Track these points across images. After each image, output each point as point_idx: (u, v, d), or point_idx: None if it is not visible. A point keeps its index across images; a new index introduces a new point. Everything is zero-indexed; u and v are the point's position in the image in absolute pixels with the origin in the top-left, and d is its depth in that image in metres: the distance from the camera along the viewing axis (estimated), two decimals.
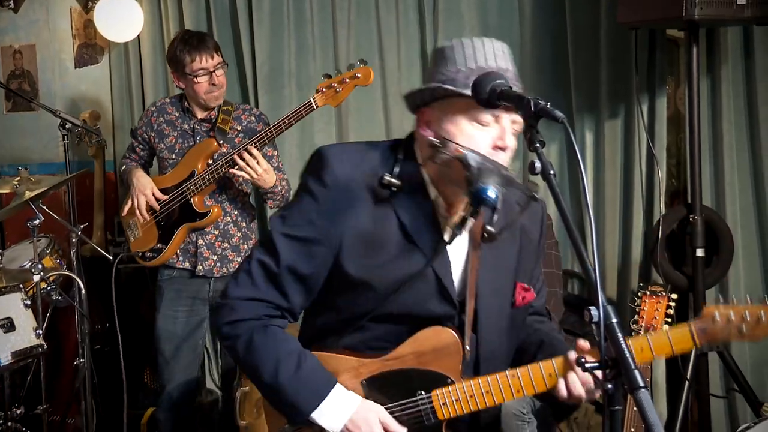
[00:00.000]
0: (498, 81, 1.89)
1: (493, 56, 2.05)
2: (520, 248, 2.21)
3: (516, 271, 2.20)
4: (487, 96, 1.90)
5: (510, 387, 2.05)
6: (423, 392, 2.08)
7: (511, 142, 2.02)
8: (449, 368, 2.10)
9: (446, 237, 2.06)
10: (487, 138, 2.00)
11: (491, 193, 1.90)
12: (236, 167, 3.82)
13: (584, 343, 1.99)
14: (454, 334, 2.09)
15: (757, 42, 3.93)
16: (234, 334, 2.10)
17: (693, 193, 3.77)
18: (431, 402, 2.07)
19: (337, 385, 2.06)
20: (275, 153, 4.14)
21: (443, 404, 2.07)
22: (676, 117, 4.41)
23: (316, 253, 2.06)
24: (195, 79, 3.99)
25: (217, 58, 4.01)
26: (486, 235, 2.04)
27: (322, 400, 2.04)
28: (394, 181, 2.05)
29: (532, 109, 1.77)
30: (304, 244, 2.06)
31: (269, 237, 2.11)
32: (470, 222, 2.02)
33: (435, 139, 2.00)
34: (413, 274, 2.05)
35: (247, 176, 3.82)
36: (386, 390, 2.09)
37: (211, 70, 3.98)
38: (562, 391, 2.02)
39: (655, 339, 2.01)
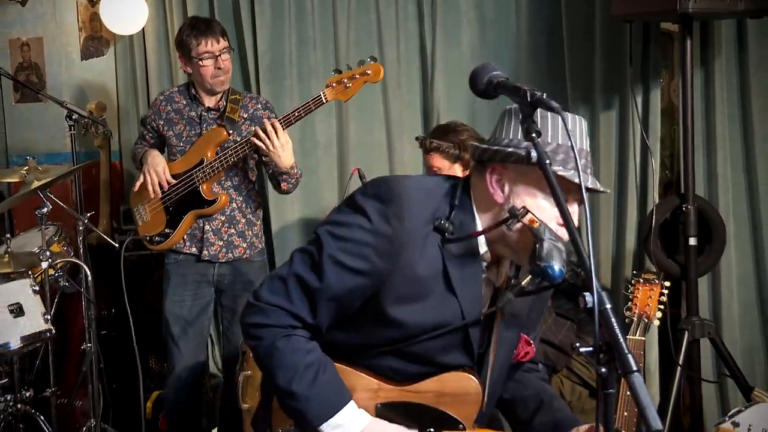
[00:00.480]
0: (494, 72, 1.89)
1: (581, 136, 2.03)
2: (533, 300, 2.20)
3: (525, 325, 2.20)
4: (485, 87, 1.90)
5: None
6: (432, 429, 2.08)
7: (574, 224, 1.94)
8: (465, 415, 2.12)
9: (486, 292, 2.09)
10: (554, 214, 1.95)
11: (557, 272, 1.86)
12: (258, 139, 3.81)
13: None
14: (478, 384, 2.10)
15: (750, 35, 3.91)
16: (258, 335, 2.07)
17: (686, 183, 3.75)
18: None
19: (351, 402, 2.05)
20: None
21: None
22: (669, 109, 4.39)
23: (359, 285, 2.02)
24: (200, 62, 3.99)
25: (223, 43, 4.00)
26: (510, 286, 2.09)
27: (334, 414, 2.02)
28: (448, 230, 2.00)
29: (529, 99, 1.77)
30: (352, 274, 2.00)
31: (316, 253, 2.03)
32: (526, 287, 2.03)
33: (517, 208, 1.94)
34: (447, 326, 2.04)
35: (263, 146, 3.79)
36: (398, 419, 2.09)
37: (217, 54, 3.98)
38: None
39: None
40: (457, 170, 3.67)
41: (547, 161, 1.75)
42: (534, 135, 1.75)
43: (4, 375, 4.42)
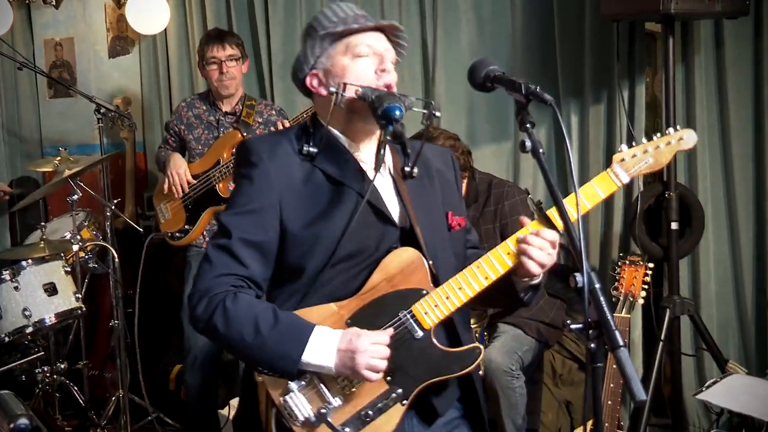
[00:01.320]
0: (491, 67, 1.90)
1: (349, 9, 2.14)
2: (441, 188, 2.21)
3: (444, 204, 2.19)
4: (482, 80, 1.91)
5: (478, 276, 2.03)
6: (404, 310, 2.03)
7: (391, 68, 2.08)
8: (420, 282, 2.06)
9: (370, 174, 2.06)
10: (370, 66, 2.05)
11: (395, 109, 1.93)
12: None
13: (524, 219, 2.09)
14: (413, 249, 2.06)
15: (726, 34, 3.91)
16: (208, 312, 1.98)
17: (668, 172, 3.76)
18: (414, 316, 2.02)
19: (317, 325, 1.97)
20: None
21: (425, 314, 2.02)
22: (653, 103, 4.39)
23: (263, 221, 2.02)
24: (207, 67, 4.07)
25: (230, 51, 4.03)
26: (405, 174, 2.11)
27: (307, 342, 1.93)
28: (312, 149, 2.06)
29: (524, 92, 1.78)
30: (251, 215, 2.02)
31: (219, 224, 2.07)
32: (386, 150, 2.10)
33: (333, 88, 2.04)
34: (352, 211, 2.02)
35: None
36: (371, 321, 2.01)
37: (222, 59, 4.02)
38: (527, 263, 1.99)
39: (584, 191, 2.08)
40: None
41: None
42: (528, 126, 1.76)
43: (41, 349, 4.46)
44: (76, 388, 4.52)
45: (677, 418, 3.86)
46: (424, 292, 2.04)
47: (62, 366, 4.49)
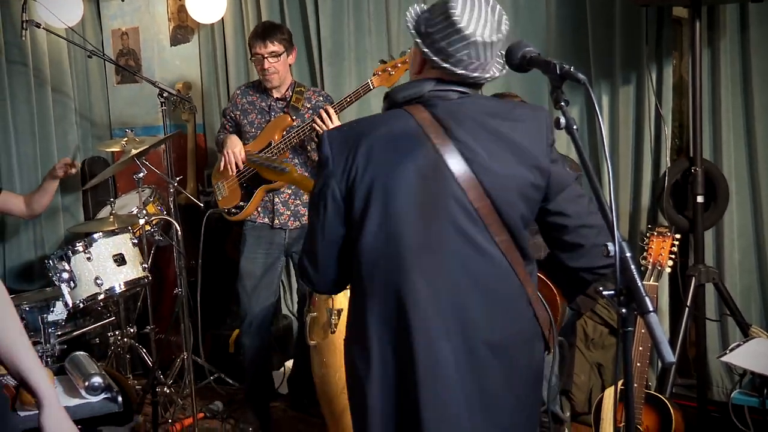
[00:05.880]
0: (527, 49, 1.89)
1: (486, 27, 2.05)
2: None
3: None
4: (519, 61, 1.90)
5: None
6: None
7: None
8: None
9: None
10: None
11: None
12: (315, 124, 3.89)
13: None
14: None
15: (752, 18, 3.83)
16: None
17: (694, 148, 3.71)
18: None
19: None
20: None
21: None
22: (680, 84, 4.32)
23: None
24: (253, 60, 4.16)
25: (271, 47, 4.03)
26: None
27: None
28: None
29: (558, 72, 1.76)
30: None
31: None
32: None
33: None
34: None
35: (320, 129, 3.85)
36: None
37: (264, 56, 4.03)
38: None
39: None
40: None
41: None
42: (563, 104, 1.74)
43: (112, 314, 4.54)
44: (144, 350, 4.61)
45: (701, 379, 3.83)
46: None
47: (132, 330, 4.58)
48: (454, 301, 1.98)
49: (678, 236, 3.44)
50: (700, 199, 3.71)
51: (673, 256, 3.41)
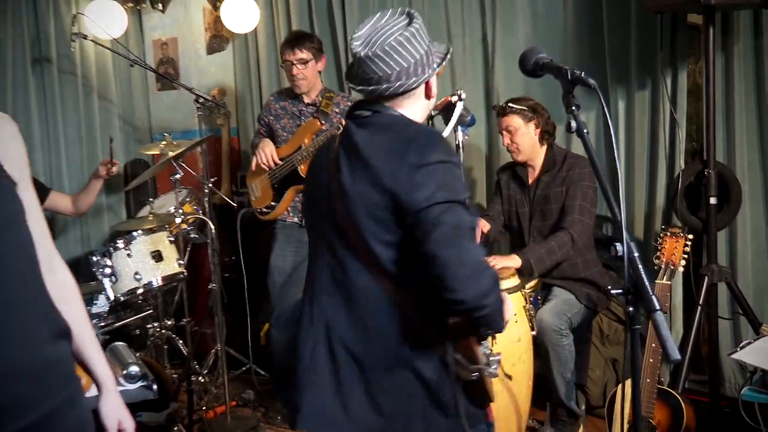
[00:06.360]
0: (540, 55, 1.86)
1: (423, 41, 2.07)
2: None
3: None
4: (532, 67, 1.87)
5: None
6: None
7: None
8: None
9: None
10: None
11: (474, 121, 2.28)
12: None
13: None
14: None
15: (765, 23, 3.73)
16: (491, 287, 1.85)
17: (708, 151, 3.62)
18: None
19: None
20: None
21: None
22: (695, 89, 4.22)
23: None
24: (282, 66, 4.16)
25: (300, 55, 4.04)
26: None
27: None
28: None
29: (569, 77, 1.72)
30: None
31: (462, 204, 1.87)
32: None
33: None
34: None
35: None
36: None
37: (293, 62, 4.02)
38: None
39: None
40: (531, 129, 3.75)
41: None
42: (573, 108, 1.70)
43: (151, 307, 4.55)
44: (180, 341, 4.61)
45: (714, 375, 3.74)
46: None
47: (169, 322, 4.58)
48: (324, 306, 2.07)
49: (691, 236, 3.35)
50: (713, 200, 3.63)
51: (686, 256, 3.32)
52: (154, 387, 3.02)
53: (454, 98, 2.59)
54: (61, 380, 1.74)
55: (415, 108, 2.06)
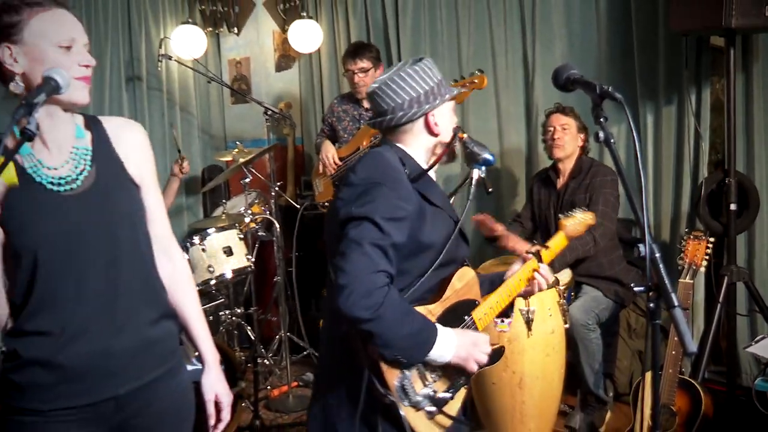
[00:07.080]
0: (572, 71, 1.84)
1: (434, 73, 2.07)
2: None
3: None
4: (563, 82, 1.85)
5: (506, 294, 2.16)
6: (466, 317, 2.05)
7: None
8: (476, 294, 2.11)
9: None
10: (454, 118, 2.13)
11: (492, 157, 2.07)
12: None
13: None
14: (471, 268, 2.10)
15: None
16: (376, 302, 1.75)
17: (729, 161, 3.58)
18: (473, 320, 2.06)
19: (438, 326, 1.91)
20: None
21: (479, 319, 2.08)
22: (718, 104, 4.16)
23: (404, 228, 1.87)
24: (345, 75, 4.22)
25: (360, 64, 4.08)
26: (489, 190, 2.15)
27: (436, 337, 1.88)
28: (408, 173, 1.99)
29: (598, 91, 1.71)
30: (401, 221, 1.86)
31: (375, 224, 1.82)
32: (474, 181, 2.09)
33: (456, 130, 2.08)
34: (451, 230, 2.01)
35: None
36: (450, 322, 1.98)
37: (354, 71, 4.05)
38: (532, 289, 2.22)
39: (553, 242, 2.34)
40: (579, 137, 3.83)
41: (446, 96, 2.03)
42: (602, 120, 1.69)
43: (223, 297, 4.64)
44: (249, 327, 4.70)
45: (731, 367, 3.69)
46: (477, 302, 2.10)
47: (239, 311, 4.67)
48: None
49: (712, 239, 3.32)
50: (733, 206, 3.60)
51: (707, 257, 3.30)
52: (223, 367, 3.09)
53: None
54: (164, 355, 1.87)
55: (416, 143, 2.05)
